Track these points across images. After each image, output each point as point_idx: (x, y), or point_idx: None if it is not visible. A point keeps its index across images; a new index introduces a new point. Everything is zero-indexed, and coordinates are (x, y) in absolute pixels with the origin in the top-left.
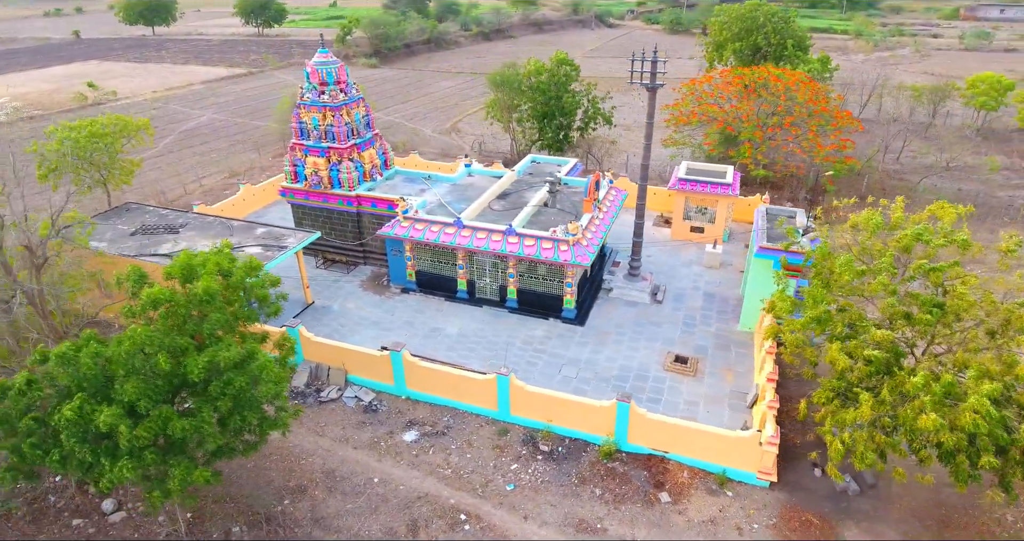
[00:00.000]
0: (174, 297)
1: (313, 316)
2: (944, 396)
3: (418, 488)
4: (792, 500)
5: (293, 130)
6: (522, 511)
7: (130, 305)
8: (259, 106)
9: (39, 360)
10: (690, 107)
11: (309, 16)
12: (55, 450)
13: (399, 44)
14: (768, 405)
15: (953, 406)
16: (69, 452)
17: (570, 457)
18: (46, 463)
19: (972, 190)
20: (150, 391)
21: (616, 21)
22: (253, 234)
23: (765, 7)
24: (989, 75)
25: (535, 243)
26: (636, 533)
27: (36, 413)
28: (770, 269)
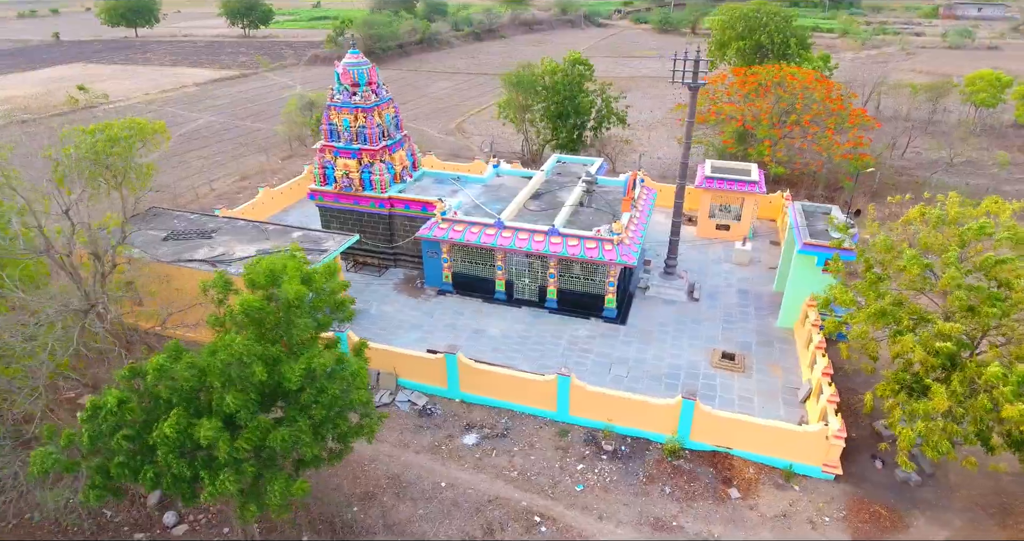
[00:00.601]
0: (264, 304)
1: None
2: (1019, 386)
3: (487, 491)
4: (858, 492)
5: (323, 132)
6: (595, 511)
7: (215, 314)
8: (258, 108)
9: (128, 375)
10: (705, 105)
11: (294, 17)
12: (148, 467)
13: (393, 44)
14: (828, 399)
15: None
16: (164, 468)
17: (634, 456)
18: (138, 480)
19: (980, 185)
20: (248, 402)
21: (604, 21)
22: (289, 238)
23: (767, 6)
24: (988, 72)
25: (579, 243)
26: (712, 530)
27: (128, 431)
28: (814, 265)
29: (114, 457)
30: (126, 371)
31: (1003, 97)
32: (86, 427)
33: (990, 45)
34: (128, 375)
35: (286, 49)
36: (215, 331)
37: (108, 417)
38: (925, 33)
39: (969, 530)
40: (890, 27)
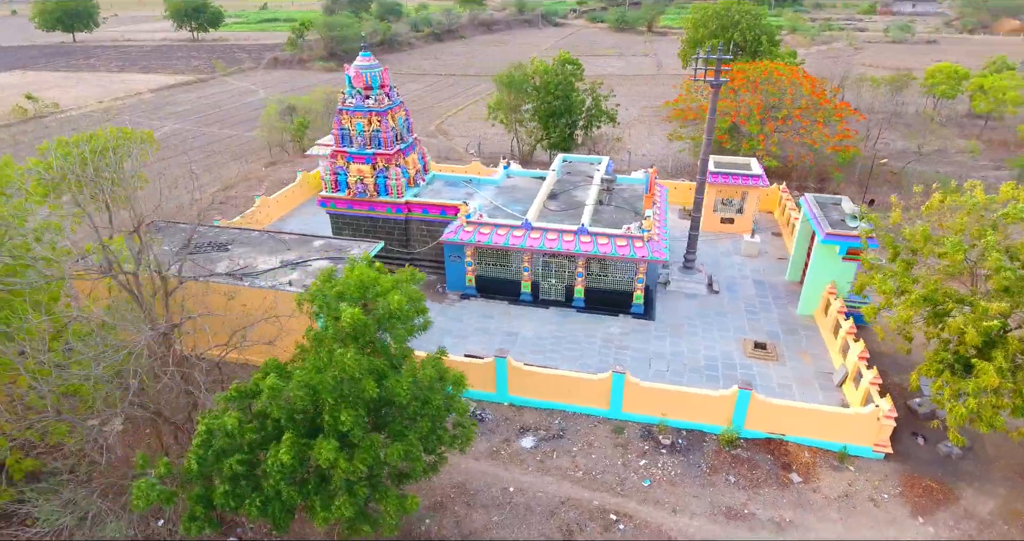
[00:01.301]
0: (365, 318)
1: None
2: None
3: (556, 493)
4: (907, 469)
5: (334, 137)
6: (667, 505)
7: (315, 330)
8: (223, 114)
9: (235, 396)
10: (696, 102)
11: (242, 19)
12: (254, 495)
13: (356, 46)
14: (871, 382)
15: None
16: (272, 494)
17: (692, 448)
18: (245, 509)
19: (951, 172)
20: (359, 419)
21: (561, 20)
22: (312, 247)
23: (738, 5)
24: (946, 66)
25: (609, 241)
26: (783, 515)
27: (241, 455)
28: (835, 254)
29: (217, 485)
30: (232, 392)
31: (961, 89)
32: (195, 452)
33: (929, 40)
34: (235, 396)
35: (240, 52)
36: (305, 348)
37: (224, 440)
38: (868, 29)
39: (1013, 498)
40: (835, 23)
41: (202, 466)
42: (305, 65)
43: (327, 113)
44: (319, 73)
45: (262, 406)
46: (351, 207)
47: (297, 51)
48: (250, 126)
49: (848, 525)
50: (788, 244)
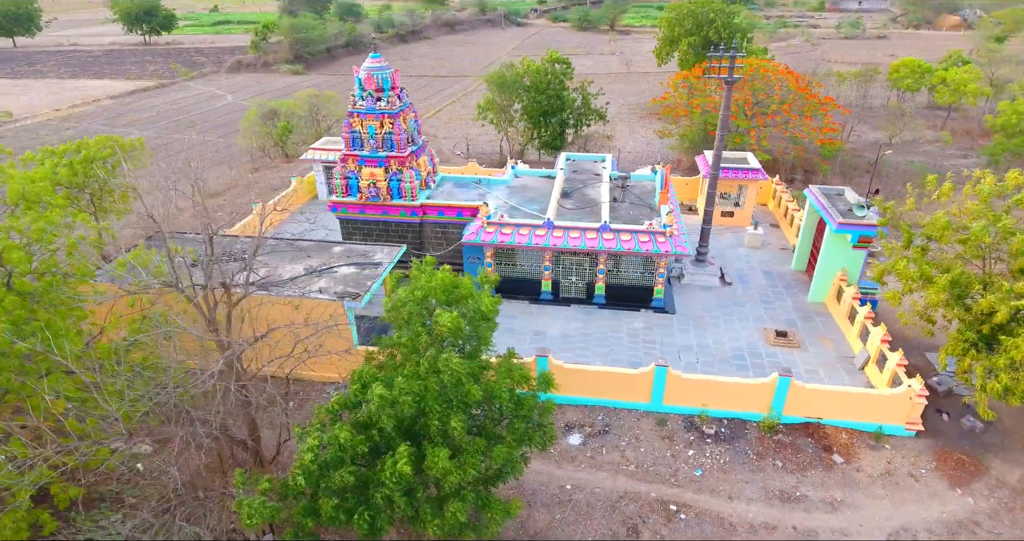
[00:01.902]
0: (463, 321)
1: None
2: None
3: (613, 488)
4: (937, 444)
5: (344, 140)
6: (723, 492)
7: (410, 337)
8: (192, 120)
9: (336, 408)
10: (683, 99)
11: (193, 22)
12: (361, 509)
13: (322, 48)
14: (898, 364)
15: None
16: (384, 506)
17: (735, 436)
18: (352, 524)
19: (922, 162)
20: (466, 423)
21: (523, 20)
22: (332, 253)
23: (711, 4)
24: (910, 60)
25: (631, 237)
26: (833, 494)
27: (351, 467)
28: (846, 243)
29: (322, 499)
30: (334, 404)
31: (925, 82)
32: (302, 467)
33: (879, 35)
34: (337, 408)
35: (198, 56)
36: (374, 357)
37: (334, 453)
38: (820, 25)
39: None
40: (790, 21)
41: (308, 481)
42: (270, 68)
43: (310, 117)
44: (285, 76)
45: (367, 416)
46: (363, 211)
47: (261, 54)
48: (223, 131)
49: (895, 501)
50: (787, 235)
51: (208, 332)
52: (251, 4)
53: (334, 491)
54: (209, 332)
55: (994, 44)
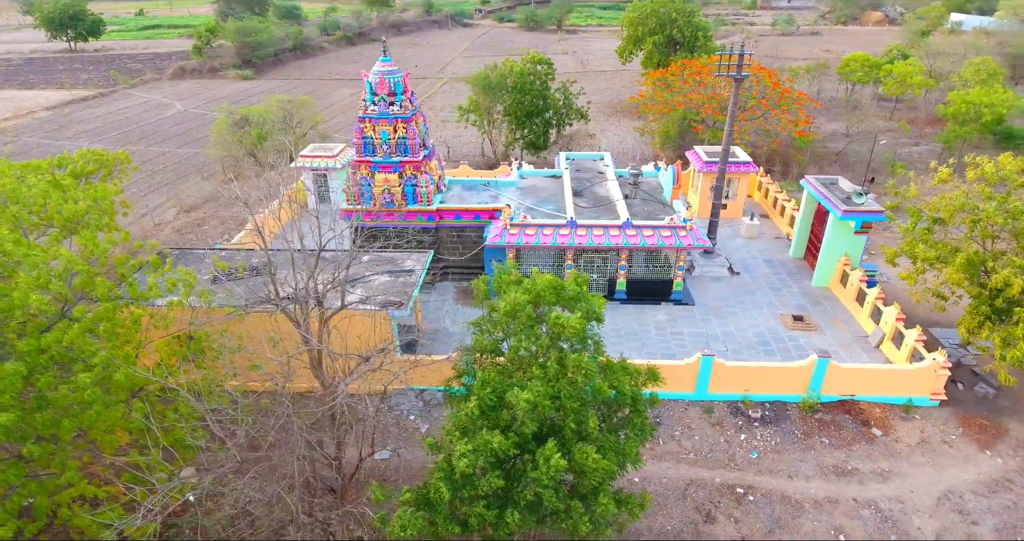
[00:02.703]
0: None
1: (438, 338)
2: None
3: (678, 476)
4: (958, 411)
5: (356, 146)
6: (781, 472)
7: (530, 340)
8: (144, 130)
9: (477, 414)
10: (664, 96)
11: (121, 27)
12: (509, 511)
13: (270, 52)
14: (916, 339)
15: None
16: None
17: (780, 418)
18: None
19: (881, 150)
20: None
21: (468, 20)
22: (359, 262)
23: (672, 3)
24: (860, 55)
25: (654, 232)
26: (881, 465)
27: (498, 471)
28: (849, 229)
29: (463, 506)
30: (475, 409)
31: (874, 75)
32: (444, 476)
33: (812, 31)
34: (479, 414)
35: (132, 63)
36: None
37: (488, 458)
38: (756, 23)
39: None
40: (727, 19)
41: (451, 489)
42: (217, 74)
43: (284, 124)
44: (234, 82)
45: (508, 421)
46: (378, 218)
47: (205, 59)
48: (180, 142)
49: (936, 466)
50: (779, 224)
51: (307, 350)
52: (179, 7)
53: (479, 496)
54: (307, 350)
55: (920, 38)
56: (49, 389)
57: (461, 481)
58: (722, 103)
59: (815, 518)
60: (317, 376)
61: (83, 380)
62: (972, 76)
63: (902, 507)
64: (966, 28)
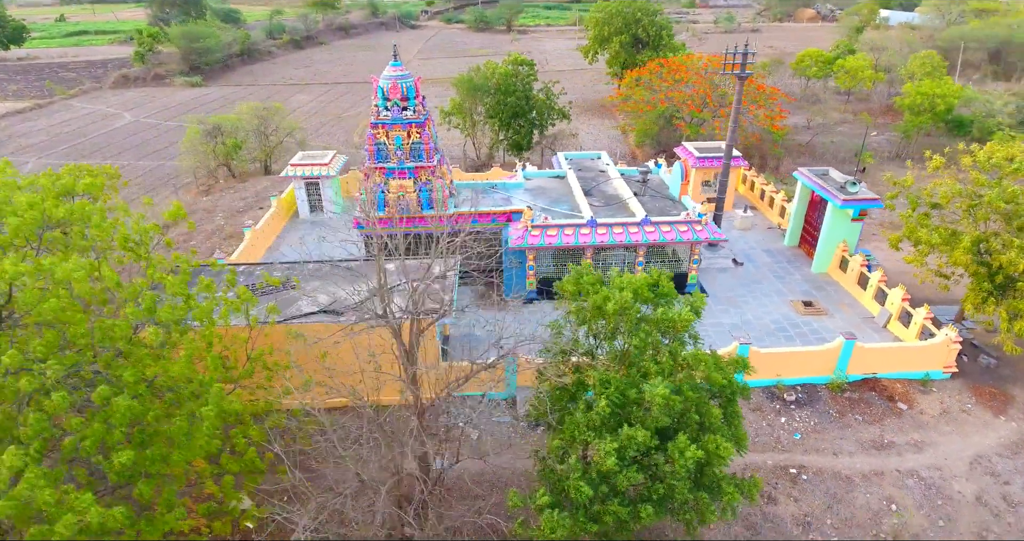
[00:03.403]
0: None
1: (468, 343)
2: None
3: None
4: (968, 381)
5: (368, 153)
6: (827, 450)
7: (641, 337)
8: (95, 143)
9: (607, 413)
10: (643, 95)
11: (43, 34)
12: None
13: (219, 58)
14: (925, 317)
15: None
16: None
17: (813, 399)
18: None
19: (842, 141)
20: None
21: (415, 22)
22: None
23: (635, 3)
24: (814, 51)
25: (671, 228)
26: (913, 437)
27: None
28: (848, 217)
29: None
30: (605, 409)
31: (827, 70)
32: (582, 477)
33: (753, 28)
34: (608, 413)
35: (64, 71)
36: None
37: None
38: (699, 21)
39: None
40: (672, 18)
41: (592, 487)
42: (163, 81)
43: (258, 133)
44: (183, 89)
45: (653, 417)
46: (392, 226)
47: (149, 66)
48: (139, 154)
49: (961, 434)
50: (768, 215)
51: (408, 363)
52: (102, 12)
53: (615, 493)
54: (409, 363)
55: (855, 34)
56: (159, 422)
57: (598, 479)
58: (703, 100)
59: (866, 491)
60: (410, 389)
61: (207, 412)
62: (918, 69)
63: (940, 474)
64: (892, 23)
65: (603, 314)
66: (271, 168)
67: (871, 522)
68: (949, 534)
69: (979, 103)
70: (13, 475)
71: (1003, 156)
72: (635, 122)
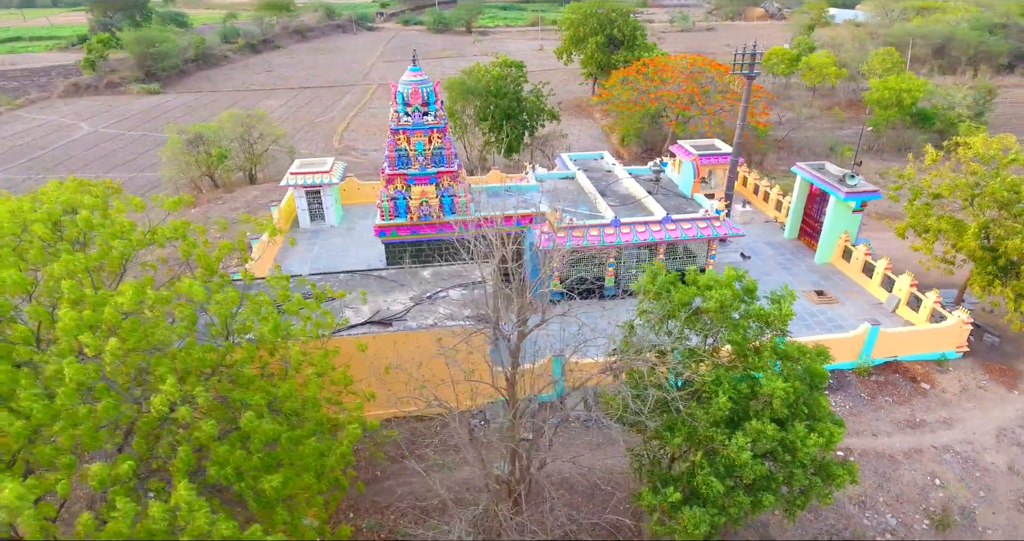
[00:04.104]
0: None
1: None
2: None
3: None
4: (978, 359)
5: (389, 159)
6: (866, 432)
7: (739, 332)
8: (55, 156)
9: (727, 406)
10: (630, 95)
11: None
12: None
13: (176, 63)
14: (935, 301)
15: None
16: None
17: (843, 384)
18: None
19: (814, 136)
20: None
21: (371, 24)
22: (422, 278)
23: (608, 3)
24: (780, 49)
25: (692, 225)
26: (941, 414)
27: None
28: (849, 209)
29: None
30: (726, 402)
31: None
32: (711, 472)
33: (708, 27)
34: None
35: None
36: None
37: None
38: (654, 20)
39: None
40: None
41: (719, 480)
42: (117, 89)
43: (242, 141)
44: (140, 97)
45: (758, 410)
46: (415, 232)
47: (101, 74)
48: (106, 166)
49: (982, 409)
50: (763, 210)
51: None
52: (33, 18)
53: (741, 485)
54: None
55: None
56: (292, 444)
57: (724, 472)
58: (691, 98)
59: (910, 468)
60: (509, 393)
61: (353, 431)
62: (879, 65)
63: (972, 447)
64: (838, 21)
65: (697, 311)
66: (256, 177)
67: (920, 497)
68: (992, 504)
69: (939, 96)
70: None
71: (999, 147)
72: (620, 121)
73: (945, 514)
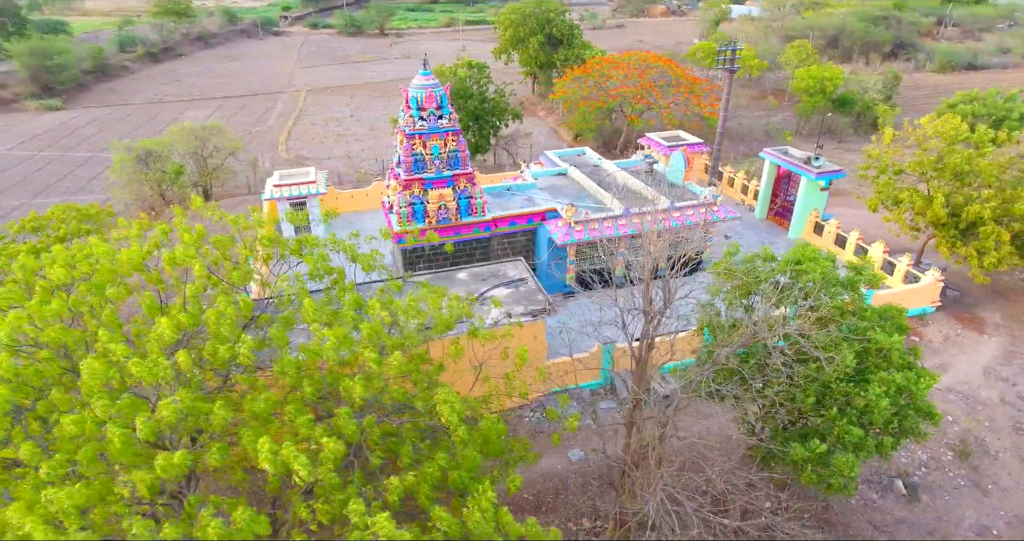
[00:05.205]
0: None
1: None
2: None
3: None
4: (948, 312)
5: (405, 165)
6: None
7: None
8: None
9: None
10: (590, 91)
11: None
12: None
13: (78, 75)
14: (908, 264)
15: None
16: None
17: None
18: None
19: (752, 124)
20: None
21: (277, 28)
22: (457, 280)
23: (545, 3)
24: (705, 44)
25: (694, 211)
26: (936, 361)
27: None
28: (818, 188)
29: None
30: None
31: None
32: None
33: (618, 25)
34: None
35: None
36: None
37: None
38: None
39: (1002, 307)
40: None
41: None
42: (9, 106)
43: (195, 156)
44: (40, 113)
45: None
46: (458, 233)
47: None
48: (32, 191)
49: (967, 354)
50: (730, 194)
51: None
52: None
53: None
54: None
55: (712, 26)
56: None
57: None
58: (648, 92)
59: None
60: (638, 379)
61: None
62: (794, 56)
63: (968, 386)
64: (734, 16)
65: (776, 285)
66: (211, 193)
67: (940, 433)
68: (996, 431)
69: (854, 83)
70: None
71: (951, 127)
72: (576, 118)
73: (964, 445)
